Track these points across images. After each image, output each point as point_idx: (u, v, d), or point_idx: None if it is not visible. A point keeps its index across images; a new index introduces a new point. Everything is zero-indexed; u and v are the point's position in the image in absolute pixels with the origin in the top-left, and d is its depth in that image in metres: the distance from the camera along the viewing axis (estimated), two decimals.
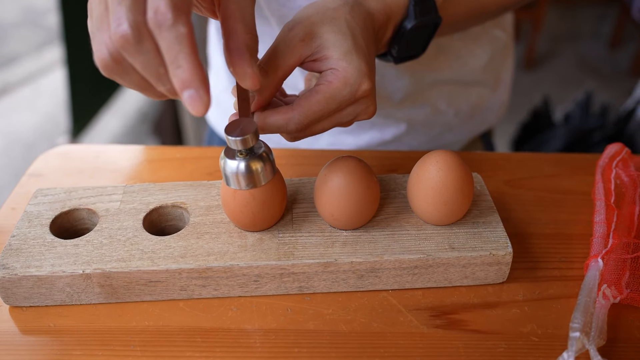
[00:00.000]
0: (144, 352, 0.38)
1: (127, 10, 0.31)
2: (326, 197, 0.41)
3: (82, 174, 0.54)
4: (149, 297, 0.41)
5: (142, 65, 0.33)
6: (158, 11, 0.31)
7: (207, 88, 0.32)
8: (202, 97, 0.32)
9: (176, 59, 0.31)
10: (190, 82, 0.31)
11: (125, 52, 0.32)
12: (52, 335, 0.39)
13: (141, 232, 0.43)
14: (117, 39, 0.31)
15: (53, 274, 0.39)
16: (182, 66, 0.31)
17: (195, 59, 0.32)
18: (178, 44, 0.31)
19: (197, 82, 0.32)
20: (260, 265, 0.40)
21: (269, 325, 0.40)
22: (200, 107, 0.32)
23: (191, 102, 0.32)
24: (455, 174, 0.41)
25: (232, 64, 0.36)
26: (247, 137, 0.37)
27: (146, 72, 0.33)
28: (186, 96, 0.32)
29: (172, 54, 0.31)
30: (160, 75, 0.33)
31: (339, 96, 0.40)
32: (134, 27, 0.31)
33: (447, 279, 0.42)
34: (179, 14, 0.31)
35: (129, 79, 0.34)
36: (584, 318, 0.38)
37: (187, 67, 0.31)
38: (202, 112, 0.32)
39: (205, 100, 0.32)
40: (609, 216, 0.45)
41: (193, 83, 0.32)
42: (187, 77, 0.31)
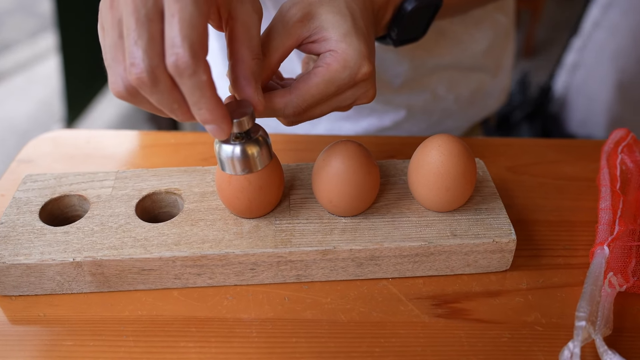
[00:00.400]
0: (137, 343, 0.37)
1: (143, 52, 0.31)
2: (324, 182, 0.40)
3: (73, 160, 0.53)
4: (142, 286, 0.40)
5: (156, 102, 0.34)
6: (178, 58, 0.31)
7: (227, 121, 0.35)
8: (223, 129, 0.35)
9: (198, 103, 0.33)
10: (212, 120, 0.34)
11: (140, 89, 0.33)
12: (42, 325, 0.38)
13: (134, 219, 0.41)
14: (132, 78, 0.32)
15: (42, 262, 0.38)
16: (204, 109, 0.33)
17: (216, 101, 0.33)
18: (199, 90, 0.32)
19: (219, 120, 0.34)
20: (256, 253, 0.39)
21: (266, 314, 0.39)
22: (222, 136, 0.35)
23: (213, 133, 0.35)
24: (458, 158, 0.39)
25: (237, 90, 0.37)
26: (243, 119, 0.36)
27: (160, 106, 0.34)
28: (209, 128, 0.35)
29: (193, 98, 0.33)
30: (174, 110, 0.34)
31: (338, 79, 0.39)
32: (150, 70, 0.31)
33: (449, 267, 0.41)
34: (199, 62, 0.31)
35: (142, 107, 0.36)
36: (589, 307, 0.37)
37: (208, 110, 0.33)
38: (223, 138, 0.36)
39: (226, 130, 0.35)
40: (615, 203, 0.44)
41: (215, 121, 0.34)
42: (209, 117, 0.34)
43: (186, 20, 0.31)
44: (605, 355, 0.35)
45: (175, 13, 0.31)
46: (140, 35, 0.31)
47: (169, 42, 0.31)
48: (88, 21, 1.58)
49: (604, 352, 0.35)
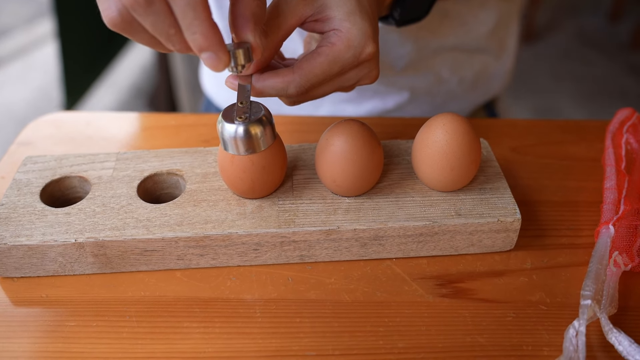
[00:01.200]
0: (140, 323, 0.37)
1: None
2: (328, 162, 0.39)
3: (73, 142, 0.52)
4: (145, 267, 0.40)
5: (151, 26, 0.32)
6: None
7: (224, 48, 0.33)
8: (220, 57, 0.33)
9: (191, 26, 0.31)
10: (207, 46, 0.32)
11: (134, 12, 0.31)
12: (45, 306, 0.38)
13: (135, 200, 0.41)
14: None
15: (44, 243, 0.38)
16: (198, 32, 0.31)
17: (211, 24, 0.32)
18: (192, 10, 0.31)
19: (214, 46, 0.32)
20: (260, 233, 0.38)
21: (270, 295, 0.39)
22: (219, 65, 0.33)
23: (210, 63, 0.33)
24: (463, 138, 0.39)
25: (235, 30, 0.35)
26: (238, 51, 0.34)
27: (156, 32, 0.32)
28: (204, 57, 0.33)
29: (186, 20, 0.31)
30: (170, 36, 0.32)
31: (341, 59, 0.38)
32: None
33: (453, 247, 0.41)
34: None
35: (138, 37, 0.34)
36: (595, 286, 0.36)
37: (203, 33, 0.31)
38: (220, 69, 0.33)
39: (224, 59, 0.33)
40: (620, 182, 0.44)
41: (210, 47, 0.32)
42: (203, 43, 0.32)
43: None
44: (611, 334, 0.35)
45: None
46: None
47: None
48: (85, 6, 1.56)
49: (609, 331, 0.35)
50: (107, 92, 2.01)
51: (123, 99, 2.01)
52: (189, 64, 1.47)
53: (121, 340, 0.36)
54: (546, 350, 0.35)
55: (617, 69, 2.13)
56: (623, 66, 2.15)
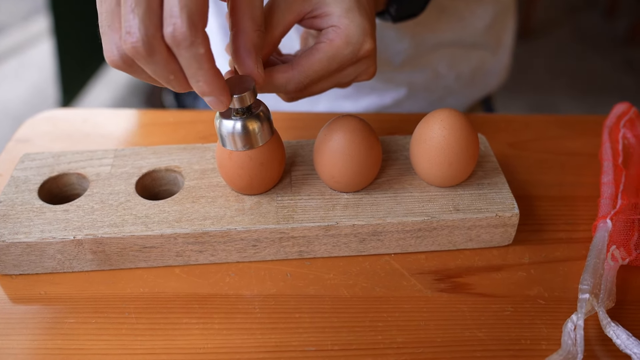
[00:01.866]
0: (139, 319, 0.37)
1: (140, 21, 0.30)
2: (326, 158, 0.39)
3: (71, 139, 0.52)
4: (144, 264, 0.40)
5: (152, 72, 0.33)
6: (176, 29, 0.30)
7: (226, 92, 0.34)
8: (222, 101, 0.34)
9: (195, 75, 0.32)
10: (210, 92, 0.33)
11: (135, 59, 0.32)
12: (43, 303, 0.38)
13: (134, 196, 0.41)
14: (128, 47, 0.31)
15: (43, 240, 0.38)
16: (201, 81, 0.33)
17: (214, 73, 0.33)
18: (197, 62, 0.32)
19: (217, 91, 0.33)
20: (258, 229, 0.39)
21: (269, 290, 0.39)
22: (221, 108, 0.35)
23: (213, 106, 0.35)
24: (460, 133, 0.39)
25: (238, 63, 0.36)
26: (244, 95, 0.35)
27: (156, 77, 0.33)
28: (207, 100, 0.34)
29: (191, 70, 0.32)
30: (170, 81, 0.33)
31: (340, 55, 0.38)
32: (146, 40, 0.31)
33: (452, 242, 0.41)
34: (197, 33, 0.31)
35: (138, 76, 0.35)
36: (593, 280, 0.37)
37: (206, 82, 0.33)
38: (223, 110, 0.35)
39: (225, 102, 0.34)
40: (617, 177, 0.44)
41: (213, 92, 0.33)
42: (207, 89, 0.33)
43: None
44: (609, 327, 0.35)
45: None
46: (138, 3, 0.30)
47: (167, 11, 0.30)
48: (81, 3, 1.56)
49: (607, 324, 0.35)
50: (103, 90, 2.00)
51: (119, 96, 2.00)
52: None
53: (120, 336, 0.36)
54: (544, 344, 0.35)
55: (613, 64, 2.14)
56: (619, 62, 2.15)
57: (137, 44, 0.31)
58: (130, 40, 0.31)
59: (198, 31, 0.31)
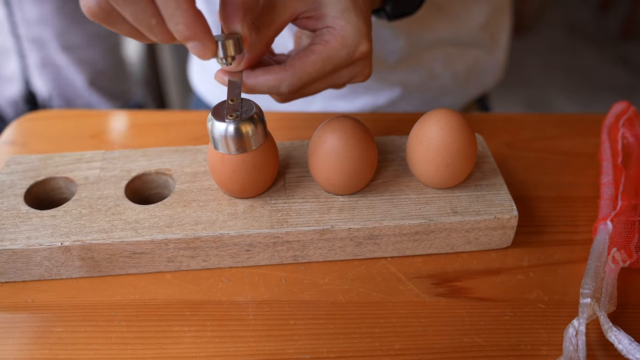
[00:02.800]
0: (129, 328, 0.36)
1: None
2: (321, 160, 0.38)
3: (60, 141, 0.51)
4: (134, 270, 0.39)
5: (131, 16, 0.31)
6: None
7: (210, 37, 0.32)
8: (207, 46, 0.32)
9: (173, 16, 0.30)
10: (192, 36, 0.31)
11: (113, 2, 0.30)
12: (30, 311, 0.37)
13: (123, 200, 0.40)
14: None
15: (29, 247, 0.37)
16: (181, 22, 0.30)
17: (194, 12, 0.30)
18: (174, 1, 0.29)
19: (199, 35, 0.31)
20: (252, 233, 0.38)
21: (263, 296, 0.38)
22: (207, 54, 0.32)
23: (196, 52, 0.32)
24: (458, 134, 0.38)
25: (223, 19, 0.34)
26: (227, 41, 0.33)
27: (136, 23, 0.31)
28: (190, 46, 0.32)
29: (168, 10, 0.30)
30: (152, 27, 0.31)
31: (335, 57, 0.37)
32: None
33: (449, 245, 0.40)
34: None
35: (118, 28, 0.32)
36: (594, 283, 0.36)
37: (186, 23, 0.30)
38: (208, 58, 0.33)
39: (211, 48, 0.32)
40: (617, 177, 0.43)
41: (195, 36, 0.31)
42: (187, 33, 0.31)
43: None
44: (610, 332, 0.34)
45: None
46: None
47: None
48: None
49: (609, 329, 0.34)
50: None
51: None
52: (178, 59, 1.45)
53: (110, 345, 0.35)
54: (545, 349, 0.35)
55: (607, 60, 2.14)
56: (613, 57, 2.15)
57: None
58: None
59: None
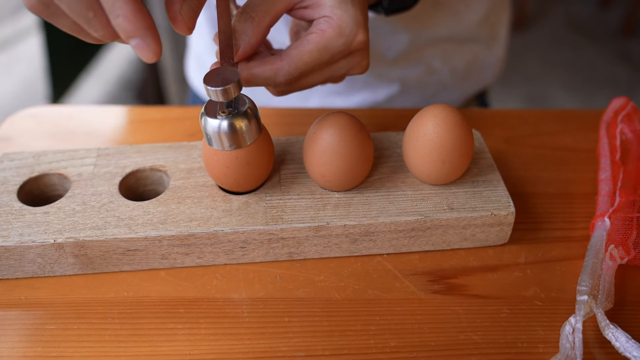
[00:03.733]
0: (123, 325, 0.35)
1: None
2: (316, 156, 0.38)
3: (54, 138, 0.51)
4: (128, 267, 0.38)
5: (68, 8, 0.29)
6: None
7: (153, 34, 0.30)
8: (149, 44, 0.30)
9: (113, 8, 0.28)
10: (133, 31, 0.29)
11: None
12: (23, 308, 0.37)
13: (117, 197, 0.39)
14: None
15: (22, 244, 0.36)
16: (121, 15, 0.29)
17: (136, 7, 0.29)
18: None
19: (142, 31, 0.29)
20: (246, 230, 0.37)
21: (257, 293, 0.37)
22: (149, 54, 0.30)
23: (139, 51, 0.30)
24: (454, 129, 0.38)
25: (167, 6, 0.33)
26: (228, 87, 0.33)
27: (74, 16, 0.29)
28: (133, 45, 0.30)
29: (108, 3, 0.28)
30: (90, 20, 0.29)
31: (332, 47, 0.37)
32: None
33: (446, 242, 0.40)
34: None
35: (59, 22, 0.31)
36: (591, 281, 0.35)
37: (126, 16, 0.29)
38: (151, 59, 0.30)
39: (154, 48, 0.30)
40: (615, 173, 0.43)
41: (137, 32, 0.29)
42: (129, 27, 0.29)
43: None
44: (607, 330, 0.34)
45: None
46: None
47: None
48: None
49: (606, 327, 0.34)
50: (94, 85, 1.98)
51: (110, 91, 1.98)
52: (177, 55, 1.45)
53: (103, 343, 0.34)
54: (541, 347, 0.34)
55: (608, 55, 2.13)
56: (613, 53, 2.14)
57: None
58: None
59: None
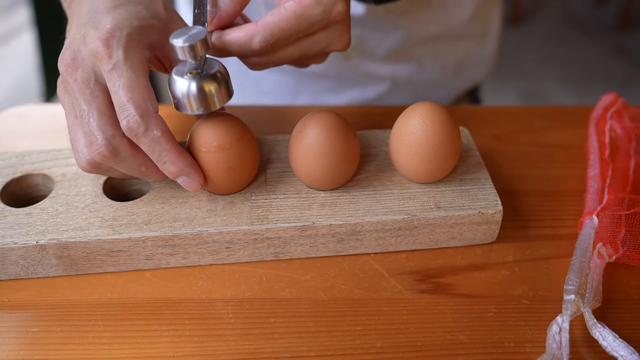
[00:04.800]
0: (107, 327, 0.35)
1: (97, 128, 0.34)
2: (301, 155, 0.38)
3: (40, 137, 0.50)
4: (112, 268, 0.38)
5: (123, 169, 0.35)
6: (129, 120, 0.33)
7: (197, 170, 0.36)
8: (194, 179, 0.36)
9: (160, 158, 0.35)
10: (179, 172, 0.35)
11: (104, 163, 0.35)
12: (6, 310, 0.36)
13: (101, 198, 0.39)
14: (94, 155, 0.34)
15: (4, 245, 0.36)
16: (167, 162, 0.35)
17: (177, 151, 0.35)
18: (157, 144, 0.34)
19: (186, 170, 0.36)
20: (231, 230, 0.37)
21: (243, 294, 0.37)
22: (195, 187, 0.37)
23: (186, 185, 0.36)
24: (441, 127, 0.37)
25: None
26: (195, 43, 0.33)
27: (129, 173, 0.36)
28: (180, 181, 0.36)
29: (155, 154, 0.34)
30: (143, 173, 0.36)
31: (309, 15, 0.36)
32: (107, 143, 0.34)
33: (433, 241, 0.39)
34: (149, 119, 0.33)
35: (113, 175, 0.37)
36: (579, 279, 0.35)
37: (172, 162, 0.35)
38: (198, 188, 0.37)
39: (198, 180, 0.36)
40: (604, 170, 0.42)
41: (182, 171, 0.36)
42: (175, 170, 0.35)
43: (126, 85, 0.33)
44: (595, 329, 0.34)
45: (114, 82, 0.33)
46: (90, 114, 0.34)
47: (118, 110, 0.33)
48: None
49: (593, 325, 0.34)
50: None
51: None
52: None
53: (86, 345, 0.34)
54: (528, 346, 0.34)
55: (603, 50, 2.13)
56: (609, 48, 2.14)
57: (101, 149, 0.34)
58: (94, 149, 0.34)
59: (149, 116, 0.33)
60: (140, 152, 0.35)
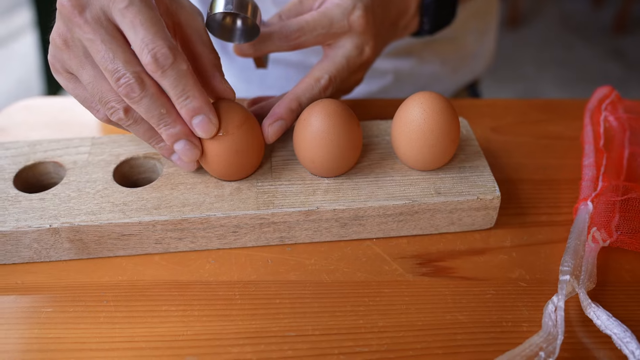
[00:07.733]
0: (118, 307, 0.36)
1: (124, 63, 0.33)
2: (306, 143, 0.39)
3: (48, 128, 0.51)
4: (123, 252, 0.39)
5: (145, 109, 0.35)
6: (156, 52, 0.33)
7: (213, 111, 0.36)
8: (211, 119, 0.36)
9: (184, 92, 0.35)
10: (200, 108, 0.35)
11: (130, 99, 0.34)
12: (20, 292, 0.37)
13: (112, 184, 0.40)
14: (123, 89, 0.34)
15: (18, 229, 0.37)
16: (190, 96, 0.35)
17: (200, 89, 0.35)
18: (183, 77, 0.34)
19: (206, 107, 0.36)
20: (238, 215, 0.38)
21: (249, 277, 0.38)
22: (212, 128, 0.36)
23: (202, 126, 0.36)
24: (440, 115, 0.39)
25: (205, 85, 0.39)
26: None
27: (149, 115, 0.35)
28: (196, 122, 0.36)
29: (179, 88, 0.34)
30: (162, 116, 0.36)
31: (330, 13, 0.42)
32: (136, 75, 0.34)
33: (433, 226, 0.41)
34: (176, 52, 0.34)
35: (137, 129, 0.37)
36: (573, 261, 0.36)
37: (195, 97, 0.35)
38: (213, 132, 0.37)
39: (215, 122, 0.37)
40: (598, 159, 0.44)
41: (202, 109, 0.36)
42: (197, 105, 0.35)
43: (148, 20, 0.33)
44: (589, 309, 0.35)
45: (133, 20, 0.33)
46: (114, 51, 0.33)
47: (140, 45, 0.33)
48: None
49: (588, 305, 0.35)
50: None
51: None
52: None
53: (99, 324, 0.35)
54: (525, 326, 0.35)
55: (600, 53, 2.14)
56: (606, 51, 2.16)
57: (130, 81, 0.33)
58: (123, 82, 0.34)
59: (176, 49, 0.34)
60: (163, 93, 0.35)
